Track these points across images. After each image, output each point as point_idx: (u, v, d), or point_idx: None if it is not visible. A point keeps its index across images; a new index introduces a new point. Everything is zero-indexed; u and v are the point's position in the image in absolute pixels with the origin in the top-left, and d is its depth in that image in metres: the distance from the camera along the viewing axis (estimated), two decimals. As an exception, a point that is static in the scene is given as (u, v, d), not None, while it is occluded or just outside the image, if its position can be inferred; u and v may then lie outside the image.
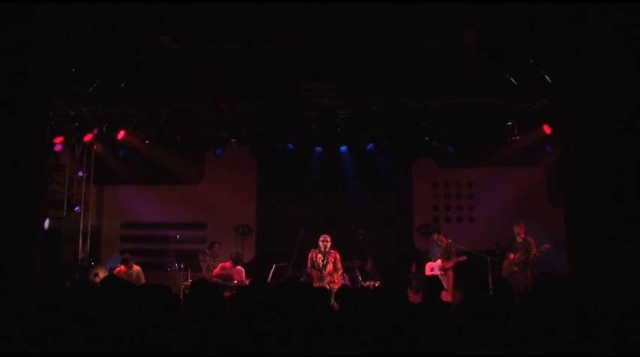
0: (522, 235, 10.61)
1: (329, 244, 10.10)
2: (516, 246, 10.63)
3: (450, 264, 10.64)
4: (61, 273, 11.83)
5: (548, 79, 8.49)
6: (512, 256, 10.59)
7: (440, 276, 10.16)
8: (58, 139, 11.31)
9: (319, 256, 10.11)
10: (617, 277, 6.37)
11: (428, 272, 10.78)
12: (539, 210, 11.80)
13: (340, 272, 10.11)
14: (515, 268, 10.46)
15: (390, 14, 7.71)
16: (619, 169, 6.72)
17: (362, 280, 10.31)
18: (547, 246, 10.23)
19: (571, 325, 3.75)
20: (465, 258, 10.59)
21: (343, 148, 12.24)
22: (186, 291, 9.99)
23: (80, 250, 12.76)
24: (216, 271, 10.53)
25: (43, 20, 7.24)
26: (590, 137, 7.04)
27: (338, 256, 10.15)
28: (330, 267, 10.02)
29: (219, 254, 11.24)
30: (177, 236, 12.59)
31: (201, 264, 11.12)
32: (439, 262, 10.75)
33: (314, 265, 10.10)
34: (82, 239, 12.84)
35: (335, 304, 5.43)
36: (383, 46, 8.46)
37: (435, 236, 11.04)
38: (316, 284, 9.47)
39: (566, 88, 7.54)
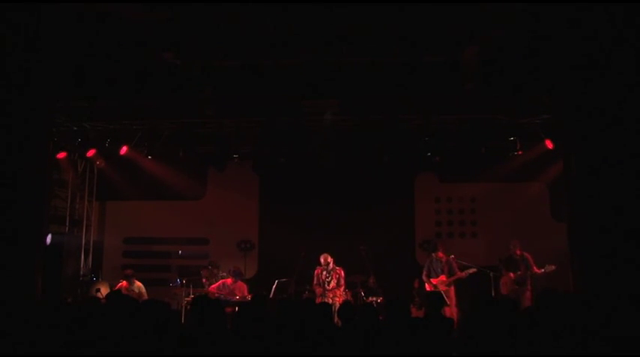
0: (518, 252, 10.56)
1: (331, 263, 10.31)
2: (515, 263, 10.53)
3: (454, 278, 10.60)
4: (63, 288, 11.83)
5: (548, 93, 8.50)
6: (512, 275, 10.48)
7: (443, 292, 10.13)
8: (61, 155, 11.35)
9: (324, 273, 10.36)
10: (620, 292, 6.33)
11: (430, 289, 10.71)
12: (542, 225, 11.79)
13: (342, 288, 10.28)
14: (516, 286, 10.37)
15: (392, 30, 7.74)
16: (621, 184, 6.70)
17: (365, 296, 10.29)
18: (553, 267, 10.08)
19: (572, 342, 3.74)
20: (474, 270, 10.57)
21: (346, 163, 12.21)
22: (188, 307, 9.95)
23: (82, 265, 12.75)
24: (213, 286, 10.49)
25: (46, 36, 7.28)
26: (591, 152, 7.04)
27: (342, 273, 10.38)
28: (332, 283, 10.21)
29: (216, 275, 11.13)
30: (180, 252, 12.59)
31: (203, 279, 11.11)
32: (442, 277, 10.70)
33: (319, 282, 10.26)
34: (84, 255, 12.83)
35: (338, 319, 5.41)
36: (385, 61, 8.48)
37: (434, 255, 10.99)
38: (318, 300, 9.48)
39: (567, 103, 7.55)
